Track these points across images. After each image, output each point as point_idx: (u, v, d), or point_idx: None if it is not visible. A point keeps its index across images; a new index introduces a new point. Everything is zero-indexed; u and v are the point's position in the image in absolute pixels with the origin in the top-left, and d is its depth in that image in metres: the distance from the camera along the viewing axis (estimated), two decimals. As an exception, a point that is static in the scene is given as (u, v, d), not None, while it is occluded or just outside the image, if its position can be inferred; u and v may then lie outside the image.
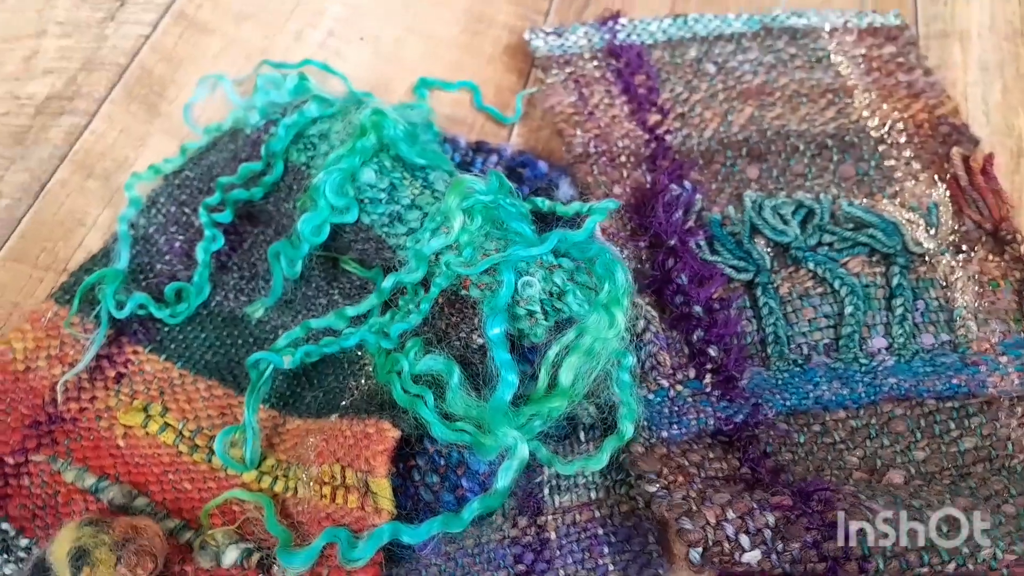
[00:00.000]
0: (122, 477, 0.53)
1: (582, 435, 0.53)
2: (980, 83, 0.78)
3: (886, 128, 0.71)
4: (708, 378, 0.56)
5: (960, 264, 0.63)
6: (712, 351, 0.57)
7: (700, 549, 0.47)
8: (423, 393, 0.48)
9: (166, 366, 0.58)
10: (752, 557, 0.47)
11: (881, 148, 0.70)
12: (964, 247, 0.64)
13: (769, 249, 0.63)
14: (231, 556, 0.49)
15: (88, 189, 0.67)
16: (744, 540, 0.47)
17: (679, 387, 0.56)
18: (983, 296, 0.62)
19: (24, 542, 0.51)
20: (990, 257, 0.64)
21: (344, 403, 0.53)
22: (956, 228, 0.65)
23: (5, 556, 0.50)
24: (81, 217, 0.66)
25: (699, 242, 0.62)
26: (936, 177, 0.68)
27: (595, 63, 0.75)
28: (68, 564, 0.47)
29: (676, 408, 0.54)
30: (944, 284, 0.62)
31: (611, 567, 0.51)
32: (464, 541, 0.50)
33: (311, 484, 0.49)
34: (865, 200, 0.66)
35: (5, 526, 0.51)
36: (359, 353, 0.55)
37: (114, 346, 0.58)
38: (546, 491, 0.53)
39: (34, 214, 0.66)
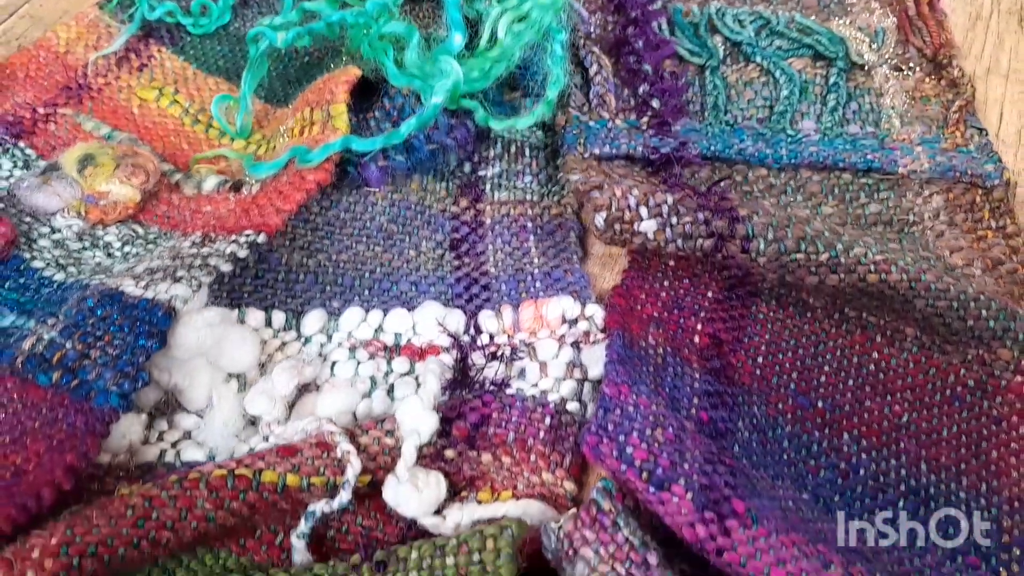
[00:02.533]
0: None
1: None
2: (954, -36, 0.83)
3: (853, -25, 0.77)
4: (645, 119, 0.62)
5: (897, 79, 0.69)
6: (654, 103, 0.63)
7: (604, 214, 0.53)
8: (386, 48, 0.55)
9: (184, 65, 0.66)
10: (648, 226, 0.53)
11: (845, -10, 0.76)
12: (903, 68, 0.70)
13: (724, 46, 0.69)
14: (211, 183, 0.56)
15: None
16: (643, 211, 0.53)
17: (618, 121, 0.62)
18: (913, 106, 0.67)
19: (42, 163, 0.58)
20: (927, 79, 0.69)
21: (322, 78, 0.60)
22: (900, 53, 0.71)
23: (25, 170, 0.58)
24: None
25: (660, 23, 0.69)
26: (889, 11, 0.73)
27: None
28: (75, 164, 0.54)
29: (612, 135, 0.60)
30: (879, 93, 0.68)
31: (533, 248, 0.57)
32: (410, 197, 0.57)
33: (285, 135, 0.56)
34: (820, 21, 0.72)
35: (29, 151, 0.59)
36: (343, 58, 0.63)
37: (142, 43, 0.66)
38: (488, 186, 0.60)
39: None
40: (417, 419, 0.44)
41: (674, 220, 0.52)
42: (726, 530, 0.41)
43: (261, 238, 0.49)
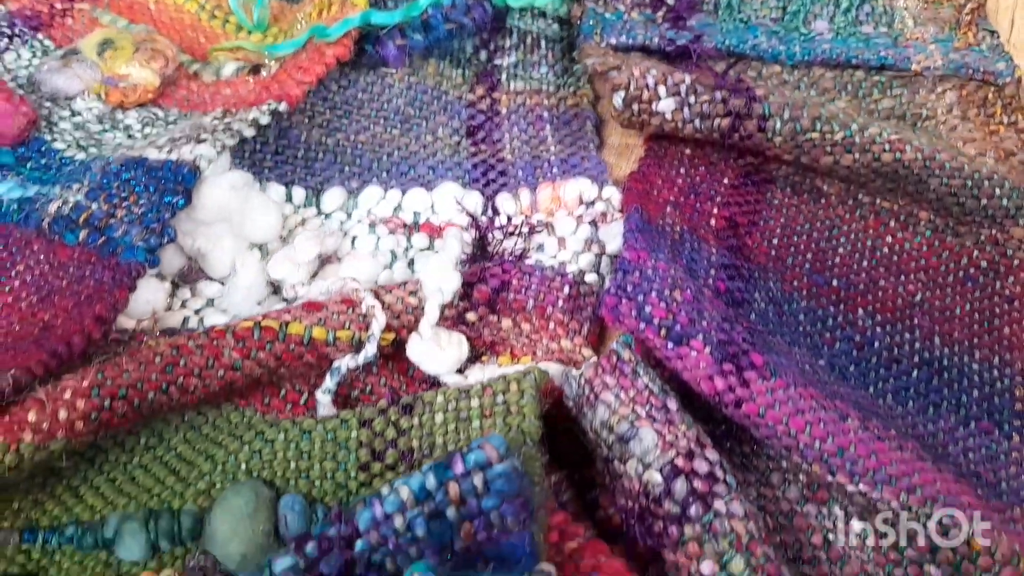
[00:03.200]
0: (149, 31, 0.61)
1: None
2: None
3: None
4: (660, 13, 0.62)
5: (909, -18, 0.69)
6: (669, 0, 0.63)
7: (622, 94, 0.53)
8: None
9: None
10: (667, 106, 0.53)
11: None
12: (915, -27, 0.70)
13: (736, -48, 0.69)
14: (229, 69, 0.56)
15: None
16: (661, 90, 0.53)
17: (634, 14, 0.62)
18: (926, 9, 0.68)
19: (59, 52, 0.59)
20: (938, -16, 0.69)
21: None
22: (911, -41, 0.71)
23: (43, 59, 0.58)
24: None
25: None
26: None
27: None
28: (95, 47, 0.55)
29: (628, 26, 0.61)
30: (892, -5, 0.68)
31: (550, 137, 0.57)
32: (427, 81, 0.57)
33: (304, 20, 0.56)
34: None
35: (47, 42, 0.59)
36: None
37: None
38: (504, 76, 0.60)
39: None
40: (440, 277, 0.44)
41: (692, 99, 0.53)
42: (745, 381, 0.42)
43: (282, 107, 0.49)
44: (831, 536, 0.42)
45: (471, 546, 0.35)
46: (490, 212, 0.52)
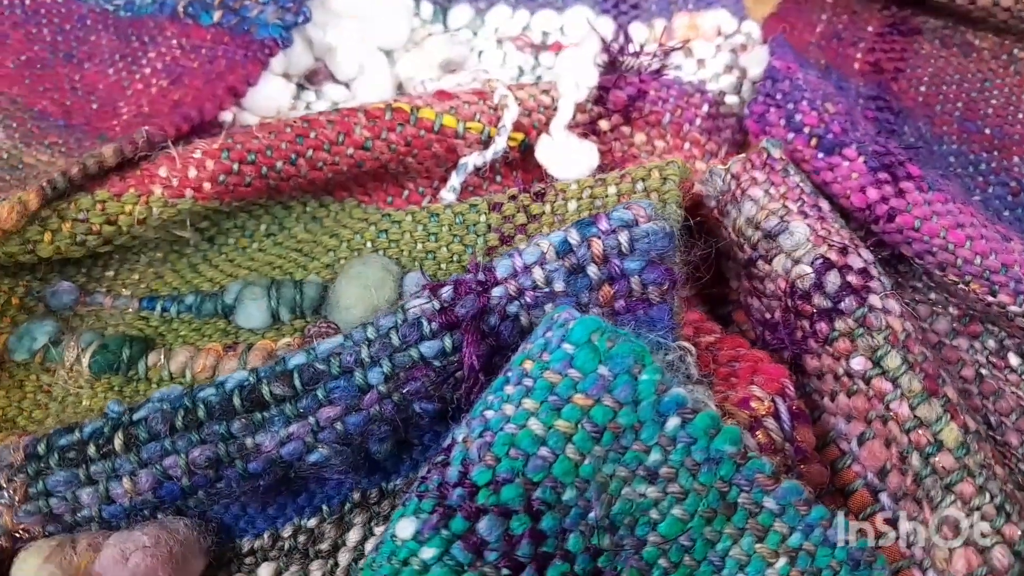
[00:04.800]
0: None
1: None
2: None
3: None
4: None
5: None
6: None
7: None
8: None
9: None
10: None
11: None
12: None
13: None
14: None
15: None
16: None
17: None
18: None
19: None
20: None
21: None
22: None
23: None
24: None
25: None
26: None
27: None
28: None
29: None
30: None
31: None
32: None
33: None
34: None
35: None
36: None
37: None
38: None
39: None
40: (577, 71, 0.42)
41: None
42: (901, 192, 0.38)
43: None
44: (983, 371, 0.39)
45: (606, 314, 0.32)
46: (621, 40, 0.49)
